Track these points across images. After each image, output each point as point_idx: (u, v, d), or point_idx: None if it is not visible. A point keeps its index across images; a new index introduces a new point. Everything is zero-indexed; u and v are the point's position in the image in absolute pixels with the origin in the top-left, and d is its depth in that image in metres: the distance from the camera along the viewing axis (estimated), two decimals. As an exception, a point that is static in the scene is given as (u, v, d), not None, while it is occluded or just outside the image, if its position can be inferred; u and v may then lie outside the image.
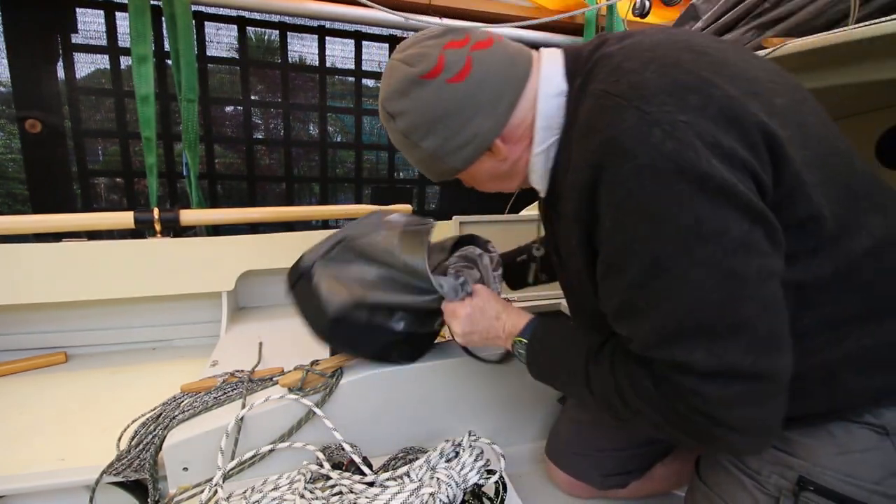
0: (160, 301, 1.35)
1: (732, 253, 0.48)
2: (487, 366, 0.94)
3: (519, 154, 0.67)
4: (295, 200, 2.12)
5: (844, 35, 0.75)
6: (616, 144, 0.51)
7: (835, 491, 0.60)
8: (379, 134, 2.17)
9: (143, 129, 1.52)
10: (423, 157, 0.68)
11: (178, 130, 1.64)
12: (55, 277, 1.21)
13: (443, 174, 0.71)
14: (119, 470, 0.83)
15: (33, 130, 1.62)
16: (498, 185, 0.74)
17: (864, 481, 0.59)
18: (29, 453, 0.90)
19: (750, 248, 0.49)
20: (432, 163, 0.68)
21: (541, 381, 0.76)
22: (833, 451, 0.61)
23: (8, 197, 1.74)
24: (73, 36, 1.65)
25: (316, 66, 1.97)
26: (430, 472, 0.74)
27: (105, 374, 1.21)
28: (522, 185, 0.74)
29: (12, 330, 1.29)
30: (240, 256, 1.36)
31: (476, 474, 0.75)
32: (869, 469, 0.59)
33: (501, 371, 1.00)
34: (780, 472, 0.64)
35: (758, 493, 0.66)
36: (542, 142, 0.64)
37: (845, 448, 0.61)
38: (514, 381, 1.03)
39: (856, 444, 0.60)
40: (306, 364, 0.91)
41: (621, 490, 1.02)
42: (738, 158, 0.49)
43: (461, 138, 0.64)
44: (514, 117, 0.64)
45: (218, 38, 1.84)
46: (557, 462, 1.02)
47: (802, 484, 0.61)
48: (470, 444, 0.80)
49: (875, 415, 0.60)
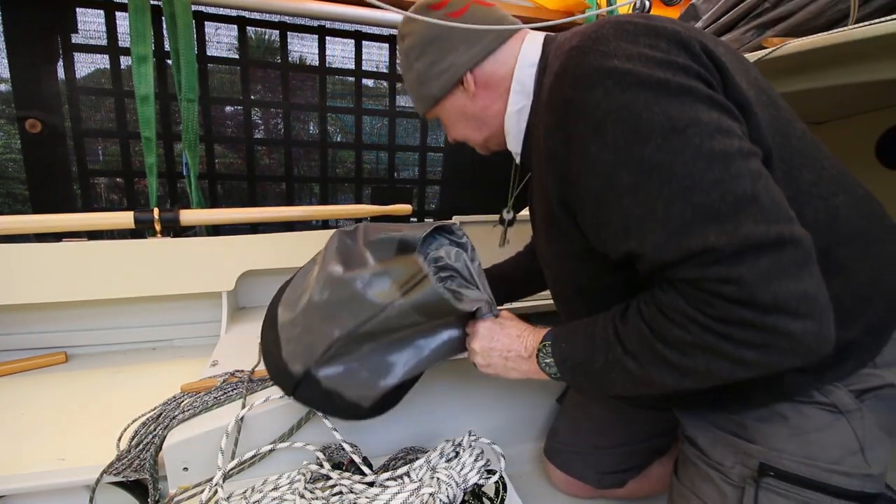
0: (160, 301, 1.35)
1: (709, 137, 0.50)
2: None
3: (488, 102, 0.75)
4: (295, 200, 2.11)
5: (844, 35, 0.75)
6: (580, 78, 0.56)
7: (794, 474, 0.60)
8: (379, 134, 2.17)
9: (143, 129, 1.52)
10: (413, 79, 0.78)
11: (178, 130, 1.64)
12: (55, 277, 1.21)
13: (425, 102, 0.79)
14: (119, 470, 0.83)
15: (33, 130, 1.61)
16: (467, 131, 0.81)
17: (822, 461, 0.60)
18: (29, 453, 0.90)
19: (724, 131, 0.51)
20: (419, 87, 0.77)
21: (577, 379, 0.67)
22: (787, 433, 0.62)
23: (8, 197, 1.74)
24: (73, 36, 1.65)
25: (316, 66, 1.97)
26: (431, 472, 0.74)
27: (105, 374, 1.21)
28: (493, 143, 0.81)
29: (12, 330, 1.29)
30: (240, 256, 1.36)
31: (476, 474, 0.75)
32: (825, 448, 0.60)
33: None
34: (742, 461, 0.65)
35: (724, 486, 0.67)
36: (516, 104, 0.72)
37: (799, 429, 0.62)
38: (513, 382, 1.03)
39: (809, 425, 0.61)
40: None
41: (619, 490, 1.02)
42: (692, 70, 0.54)
43: (442, 65, 0.74)
44: (489, 62, 0.73)
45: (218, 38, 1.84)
46: (555, 461, 1.03)
47: (763, 470, 0.62)
48: (470, 444, 0.80)
49: (824, 393, 0.61)
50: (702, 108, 0.52)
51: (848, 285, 0.60)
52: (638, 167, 0.52)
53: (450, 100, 0.77)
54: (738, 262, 0.48)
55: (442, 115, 0.81)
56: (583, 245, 0.63)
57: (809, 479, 0.60)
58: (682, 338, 0.52)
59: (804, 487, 0.60)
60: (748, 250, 0.48)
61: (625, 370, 0.58)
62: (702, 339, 0.51)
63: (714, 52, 0.57)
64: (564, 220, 0.64)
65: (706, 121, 0.51)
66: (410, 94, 0.82)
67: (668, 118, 0.51)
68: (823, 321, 0.49)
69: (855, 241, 0.61)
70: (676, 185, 0.50)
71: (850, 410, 0.60)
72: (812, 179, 0.60)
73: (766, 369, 0.51)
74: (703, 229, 0.49)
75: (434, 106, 0.79)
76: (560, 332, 0.70)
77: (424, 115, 0.84)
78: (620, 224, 0.55)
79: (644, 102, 0.52)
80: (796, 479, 0.60)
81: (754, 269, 0.47)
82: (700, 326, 0.51)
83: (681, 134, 0.50)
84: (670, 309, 0.53)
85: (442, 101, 0.78)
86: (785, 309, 0.47)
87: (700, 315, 0.50)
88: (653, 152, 0.51)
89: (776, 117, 0.60)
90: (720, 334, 0.50)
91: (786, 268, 0.47)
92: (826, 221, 0.59)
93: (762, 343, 0.49)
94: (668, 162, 0.51)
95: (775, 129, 0.58)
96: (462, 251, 0.80)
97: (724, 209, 0.49)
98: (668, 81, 0.52)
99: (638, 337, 0.57)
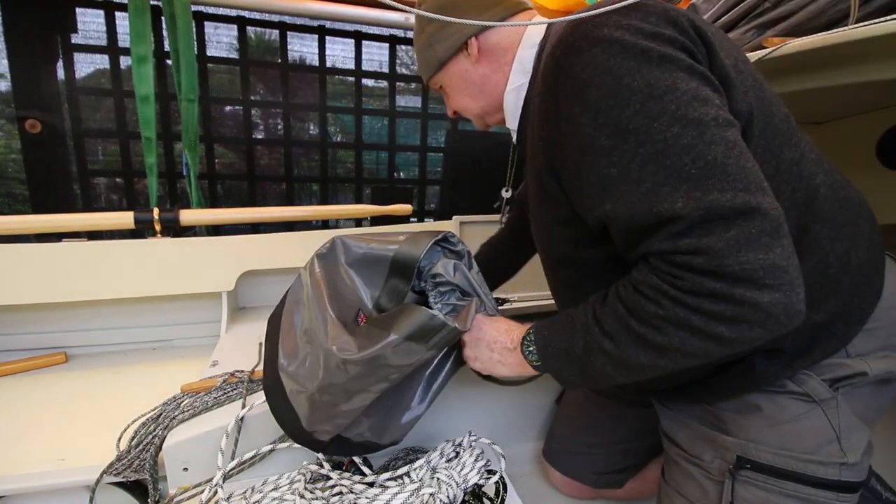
0: (160, 301, 1.35)
1: (686, 104, 0.52)
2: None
3: (489, 72, 0.76)
4: (295, 200, 2.11)
5: (844, 35, 0.75)
6: (570, 45, 0.58)
7: (770, 465, 0.61)
8: (379, 134, 2.17)
9: (143, 129, 1.51)
10: (423, 42, 0.79)
11: (178, 130, 1.64)
12: (55, 277, 1.21)
13: (431, 66, 0.80)
14: (119, 470, 0.83)
15: (33, 130, 1.61)
16: (467, 101, 0.81)
17: (798, 451, 0.60)
18: (29, 453, 0.90)
19: (702, 100, 0.52)
20: (427, 49, 0.79)
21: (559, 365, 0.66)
22: (762, 423, 0.63)
23: (8, 197, 1.74)
24: (72, 36, 1.65)
25: (316, 66, 1.97)
26: (431, 473, 0.74)
27: (105, 374, 1.21)
28: (490, 117, 0.82)
29: (12, 330, 1.29)
30: (240, 256, 1.36)
31: (476, 474, 0.75)
32: (801, 439, 0.60)
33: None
34: (721, 455, 0.66)
35: (705, 481, 0.68)
36: (515, 82, 0.73)
37: (775, 420, 0.62)
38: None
39: (784, 415, 0.62)
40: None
41: (618, 490, 1.02)
42: (678, 41, 0.56)
43: (449, 29, 0.75)
44: (493, 32, 0.74)
45: (218, 38, 1.84)
46: (553, 462, 1.03)
47: (740, 463, 0.62)
48: (470, 444, 0.80)
49: (797, 382, 0.61)
50: (682, 76, 0.53)
51: (818, 265, 0.60)
52: (615, 130, 0.54)
53: (453, 64, 0.78)
54: (708, 233, 0.49)
55: (444, 81, 0.82)
56: (568, 210, 0.65)
57: (786, 470, 0.60)
58: (655, 312, 0.53)
59: (781, 478, 0.60)
60: (716, 219, 0.49)
61: (603, 351, 0.59)
62: (674, 312, 0.52)
63: (702, 28, 0.59)
64: (552, 184, 0.65)
65: (684, 88, 0.52)
66: (418, 59, 0.84)
67: (647, 84, 0.52)
68: (793, 293, 0.48)
69: (829, 221, 0.61)
70: (651, 148, 0.52)
71: (824, 399, 0.61)
72: (793, 159, 0.61)
73: (738, 344, 0.51)
74: (673, 193, 0.51)
75: (438, 70, 0.80)
76: (543, 322, 0.70)
77: (428, 83, 0.84)
78: (598, 184, 0.56)
79: (626, 69, 0.53)
80: (773, 471, 0.61)
81: (722, 239, 0.48)
82: (671, 300, 0.51)
83: (658, 100, 0.52)
84: (644, 285, 0.54)
85: (446, 65, 0.78)
86: (753, 279, 0.48)
87: (671, 289, 0.51)
88: (631, 116, 0.53)
89: (761, 98, 0.61)
90: (691, 307, 0.50)
91: (754, 238, 0.48)
92: (805, 199, 0.60)
93: (732, 316, 0.49)
94: (645, 126, 0.52)
95: (758, 109, 0.59)
96: (459, 262, 0.78)
97: (694, 174, 0.50)
98: (650, 49, 0.54)
99: (614, 316, 0.58)
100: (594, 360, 0.60)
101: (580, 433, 1.00)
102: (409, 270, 0.75)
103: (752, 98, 0.59)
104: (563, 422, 1.04)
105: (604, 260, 0.66)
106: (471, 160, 2.16)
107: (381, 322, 0.70)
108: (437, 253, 0.77)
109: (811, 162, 0.63)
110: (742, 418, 0.64)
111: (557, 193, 0.65)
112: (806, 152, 0.63)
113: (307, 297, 0.77)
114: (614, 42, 0.55)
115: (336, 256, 0.80)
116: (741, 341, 0.51)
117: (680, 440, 0.73)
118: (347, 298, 0.78)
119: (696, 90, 0.53)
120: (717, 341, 0.51)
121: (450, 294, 0.75)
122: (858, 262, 0.62)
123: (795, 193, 0.60)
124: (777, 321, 0.49)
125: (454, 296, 0.75)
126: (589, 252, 0.68)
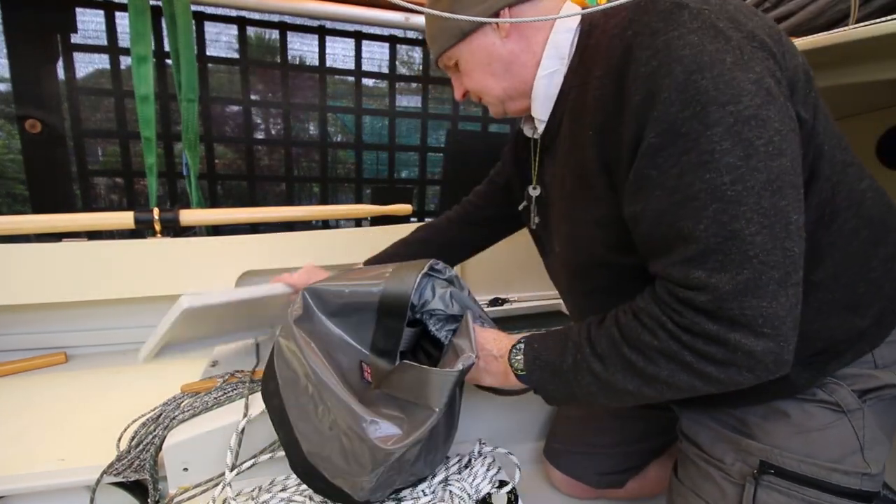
0: (160, 301, 1.35)
1: (745, 121, 0.49)
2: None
3: (518, 50, 0.68)
4: (295, 200, 2.11)
5: (844, 35, 0.75)
6: (645, 26, 0.53)
7: (794, 472, 0.60)
8: (379, 134, 2.17)
9: (143, 129, 1.51)
10: (443, 7, 0.67)
11: (178, 130, 1.64)
12: (55, 277, 1.21)
13: (450, 35, 0.70)
14: (119, 470, 0.83)
15: (33, 130, 1.61)
16: (488, 79, 0.71)
17: (823, 460, 0.60)
18: (29, 453, 0.90)
19: (761, 120, 0.49)
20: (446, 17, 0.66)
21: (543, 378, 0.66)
22: (790, 431, 0.62)
23: (8, 197, 1.74)
24: (72, 36, 1.65)
25: (316, 66, 1.97)
26: (443, 485, 0.73)
27: (105, 374, 1.21)
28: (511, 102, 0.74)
29: (12, 330, 1.29)
30: (240, 256, 1.36)
31: (488, 484, 0.74)
32: (827, 448, 0.60)
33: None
34: (743, 459, 0.65)
35: (724, 483, 0.67)
36: (549, 67, 0.67)
37: (802, 428, 0.62)
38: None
39: (812, 423, 0.61)
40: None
41: (619, 490, 1.02)
42: (766, 45, 0.52)
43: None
44: (529, 6, 0.66)
45: (218, 38, 1.84)
46: (554, 462, 1.03)
47: (763, 468, 0.62)
48: (480, 452, 0.79)
49: (827, 391, 0.61)
50: (750, 88, 0.49)
51: (863, 270, 0.60)
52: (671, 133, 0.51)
53: (478, 36, 0.68)
54: (721, 268, 0.48)
55: (463, 55, 0.71)
56: (615, 210, 0.61)
57: (809, 478, 0.60)
58: (650, 343, 0.53)
59: (804, 485, 0.60)
60: (734, 252, 0.48)
61: (591, 372, 0.59)
62: (668, 346, 0.52)
63: (779, 35, 0.55)
64: (601, 179, 0.61)
65: (747, 103, 0.49)
66: (431, 28, 0.74)
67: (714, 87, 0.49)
68: (785, 344, 0.49)
69: (877, 225, 0.61)
70: (696, 158, 0.49)
71: (853, 410, 0.61)
72: (847, 160, 0.61)
73: (725, 385, 0.52)
74: (701, 211, 0.49)
75: (458, 43, 0.70)
76: (536, 335, 0.69)
77: (439, 57, 0.74)
78: (637, 182, 0.54)
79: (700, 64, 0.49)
80: (797, 478, 0.61)
81: (733, 280, 0.48)
82: (668, 333, 0.52)
83: (721, 108, 0.49)
84: (644, 314, 0.54)
85: (469, 37, 0.69)
86: (750, 326, 0.48)
87: (669, 322, 0.52)
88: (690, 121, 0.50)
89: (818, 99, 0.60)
90: (685, 344, 0.51)
91: (763, 284, 0.48)
92: (855, 202, 0.60)
93: (723, 359, 0.50)
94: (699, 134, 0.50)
95: (822, 109, 0.59)
96: (453, 288, 0.75)
97: (729, 195, 0.48)
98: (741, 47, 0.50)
99: (609, 340, 0.58)
100: (581, 378, 0.60)
101: (582, 433, 1.00)
102: (401, 309, 0.71)
103: (814, 98, 0.57)
104: (565, 422, 1.04)
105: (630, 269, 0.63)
106: (471, 160, 2.16)
107: (405, 389, 0.67)
108: (426, 284, 0.73)
109: (858, 166, 0.63)
110: (768, 424, 0.64)
111: (604, 190, 0.61)
112: (855, 157, 0.63)
113: (305, 374, 0.69)
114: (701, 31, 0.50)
115: (312, 313, 0.74)
116: (728, 383, 0.52)
117: (701, 441, 0.72)
118: (344, 353, 0.75)
119: (758, 107, 0.49)
120: (706, 380, 0.52)
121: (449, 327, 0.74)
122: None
123: (851, 196, 0.60)
124: (766, 369, 0.50)
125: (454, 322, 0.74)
126: (630, 258, 0.64)
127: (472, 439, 0.83)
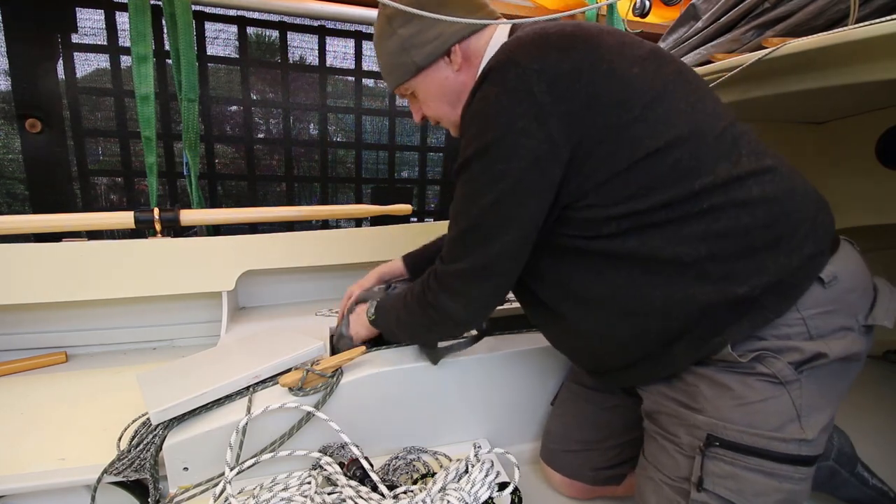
0: (160, 301, 1.35)
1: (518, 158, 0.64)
2: (487, 366, 0.96)
3: (467, 79, 0.76)
4: (295, 200, 2.12)
5: (844, 35, 0.75)
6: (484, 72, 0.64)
7: (737, 443, 0.65)
8: (380, 134, 2.17)
9: (143, 129, 1.52)
10: (395, 47, 0.76)
11: (178, 130, 1.64)
12: (55, 277, 1.21)
13: (405, 72, 0.77)
14: (119, 470, 0.83)
15: (33, 130, 1.62)
16: (444, 107, 0.80)
17: (764, 429, 0.64)
18: (29, 453, 0.90)
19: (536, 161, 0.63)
20: (399, 54, 0.76)
21: (378, 316, 0.93)
22: (733, 404, 0.66)
23: (8, 197, 1.74)
24: (72, 35, 1.65)
25: (316, 66, 1.98)
26: (441, 494, 0.73)
27: (105, 374, 1.21)
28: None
29: (12, 330, 1.29)
30: (240, 256, 1.36)
31: (486, 490, 0.74)
32: (767, 418, 0.65)
33: (500, 371, 1.00)
34: (692, 433, 0.69)
35: (678, 456, 0.72)
36: None
37: (744, 400, 0.66)
38: (512, 382, 1.03)
39: (753, 395, 0.65)
40: (307, 364, 0.91)
41: (618, 487, 1.02)
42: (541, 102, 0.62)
43: (430, 33, 0.73)
44: (474, 38, 0.75)
45: (218, 38, 1.84)
46: (550, 463, 1.03)
47: (709, 441, 0.67)
48: (478, 457, 0.78)
49: (766, 365, 0.65)
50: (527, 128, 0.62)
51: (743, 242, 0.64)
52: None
53: (432, 71, 0.76)
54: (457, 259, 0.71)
55: (419, 87, 0.79)
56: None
57: (751, 447, 0.64)
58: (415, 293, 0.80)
59: (747, 454, 0.65)
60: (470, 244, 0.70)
61: (407, 320, 0.84)
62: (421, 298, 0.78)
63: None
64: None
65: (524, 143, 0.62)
66: (385, 64, 0.80)
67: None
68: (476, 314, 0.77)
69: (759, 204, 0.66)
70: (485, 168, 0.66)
71: (790, 381, 0.64)
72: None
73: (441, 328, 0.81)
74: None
75: (413, 76, 0.77)
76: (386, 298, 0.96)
77: (395, 89, 0.81)
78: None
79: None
80: (740, 447, 0.65)
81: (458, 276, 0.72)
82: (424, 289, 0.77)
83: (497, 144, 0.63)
84: (427, 281, 0.78)
85: (423, 72, 0.76)
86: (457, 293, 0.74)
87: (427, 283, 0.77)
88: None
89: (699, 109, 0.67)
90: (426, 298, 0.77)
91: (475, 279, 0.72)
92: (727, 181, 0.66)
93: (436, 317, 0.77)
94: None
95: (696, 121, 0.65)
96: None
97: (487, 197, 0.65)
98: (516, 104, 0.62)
99: (413, 295, 0.81)
100: (395, 314, 0.87)
101: (574, 431, 1.01)
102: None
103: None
104: (558, 421, 1.04)
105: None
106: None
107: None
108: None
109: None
110: (714, 398, 0.68)
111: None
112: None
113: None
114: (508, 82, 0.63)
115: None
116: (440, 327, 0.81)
117: (658, 419, 0.77)
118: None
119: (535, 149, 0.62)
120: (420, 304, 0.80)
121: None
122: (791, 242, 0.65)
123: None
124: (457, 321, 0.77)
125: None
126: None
127: (472, 440, 0.83)
